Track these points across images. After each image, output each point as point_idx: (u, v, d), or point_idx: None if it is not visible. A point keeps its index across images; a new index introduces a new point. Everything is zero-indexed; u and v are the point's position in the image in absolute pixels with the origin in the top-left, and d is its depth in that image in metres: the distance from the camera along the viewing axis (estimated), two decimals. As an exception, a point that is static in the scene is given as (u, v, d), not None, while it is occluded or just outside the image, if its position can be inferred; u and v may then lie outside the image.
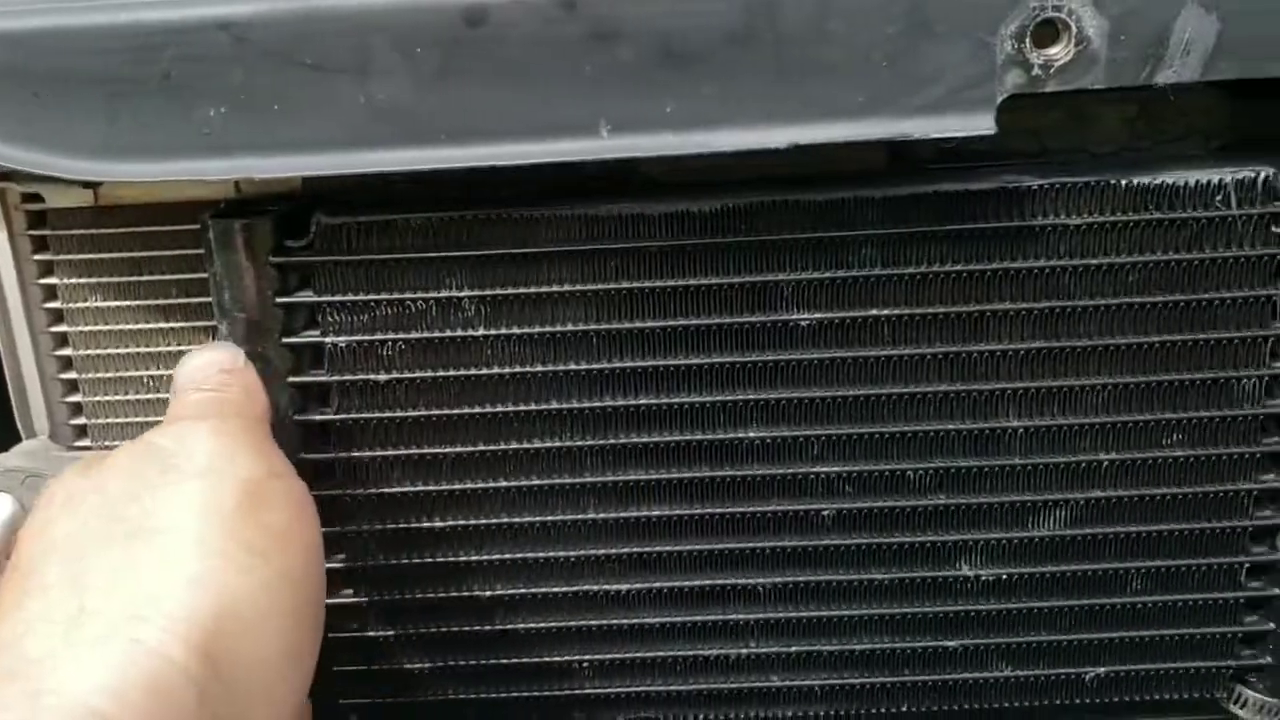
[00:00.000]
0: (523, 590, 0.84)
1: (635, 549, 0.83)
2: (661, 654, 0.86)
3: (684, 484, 0.82)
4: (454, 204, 0.78)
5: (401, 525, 0.83)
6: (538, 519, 0.83)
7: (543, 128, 0.71)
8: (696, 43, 0.70)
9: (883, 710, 0.87)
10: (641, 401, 0.80)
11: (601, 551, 0.83)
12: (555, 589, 0.84)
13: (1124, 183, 0.76)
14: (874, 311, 0.79)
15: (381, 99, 0.71)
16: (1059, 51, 0.70)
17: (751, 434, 0.81)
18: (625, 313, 0.79)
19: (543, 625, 0.85)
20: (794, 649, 0.86)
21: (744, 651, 0.86)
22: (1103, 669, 0.86)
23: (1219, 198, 0.76)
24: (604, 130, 0.71)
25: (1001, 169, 0.78)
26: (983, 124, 0.70)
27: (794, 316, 0.79)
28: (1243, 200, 0.76)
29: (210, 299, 0.80)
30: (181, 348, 0.86)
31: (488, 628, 0.85)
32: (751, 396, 0.80)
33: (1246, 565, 0.84)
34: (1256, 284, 0.77)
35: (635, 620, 0.85)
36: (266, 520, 0.68)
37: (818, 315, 0.79)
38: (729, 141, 0.71)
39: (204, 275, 0.80)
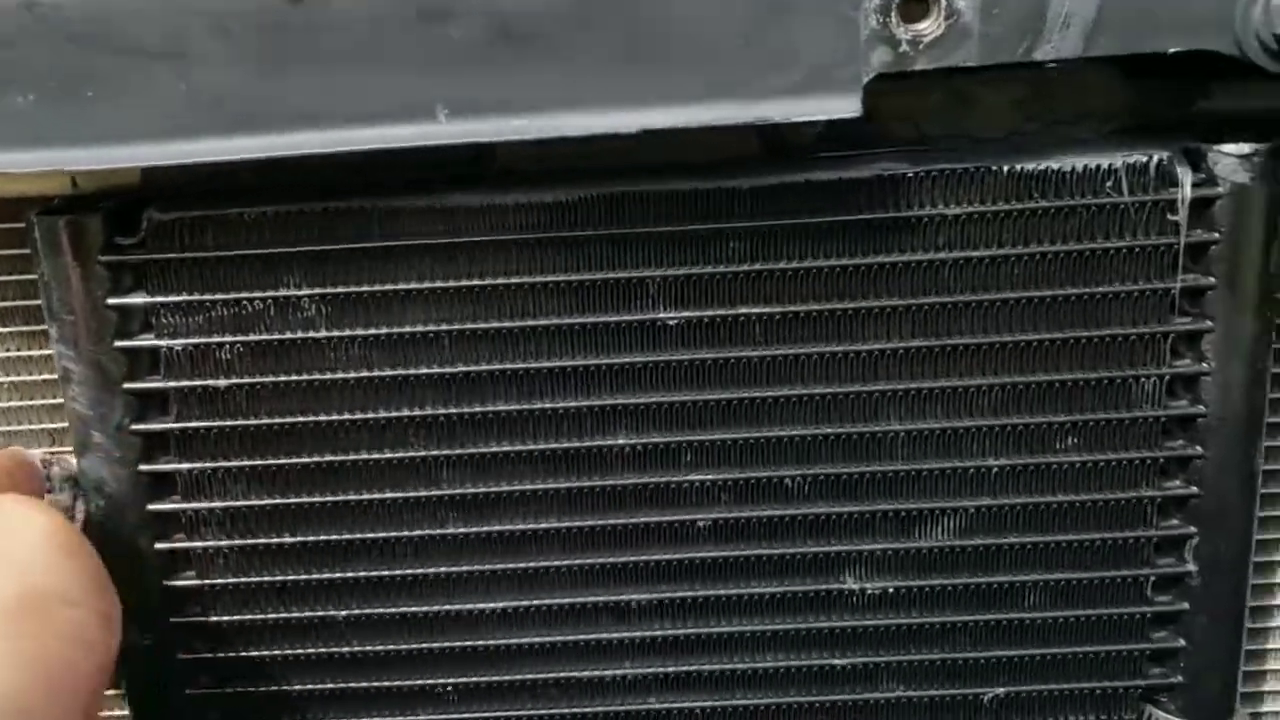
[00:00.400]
0: (378, 610, 0.79)
1: (497, 565, 0.78)
2: (530, 676, 0.81)
3: (548, 495, 0.77)
4: (295, 197, 0.73)
5: (248, 541, 0.78)
6: (392, 534, 0.78)
7: (375, 113, 0.66)
8: (535, 22, 0.65)
9: (768, 732, 0.83)
10: (500, 407, 0.75)
11: (461, 568, 0.78)
12: (412, 608, 0.79)
13: (1007, 169, 0.71)
14: (745, 310, 0.74)
15: (202, 85, 0.66)
16: (928, 26, 0.65)
17: (619, 441, 0.76)
18: (479, 312, 0.74)
19: (400, 647, 0.80)
20: (672, 669, 0.81)
21: (618, 673, 0.81)
22: (1001, 689, 0.81)
23: (1110, 184, 0.71)
24: (441, 115, 0.66)
25: (878, 157, 0.73)
26: (848, 106, 0.65)
27: (661, 315, 0.74)
28: (1135, 186, 0.71)
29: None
30: (20, 353, 0.81)
31: (343, 649, 0.80)
32: (618, 401, 0.75)
33: (1152, 578, 0.79)
34: (1153, 276, 0.72)
35: (500, 641, 0.80)
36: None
37: (686, 314, 0.74)
38: (576, 126, 0.66)
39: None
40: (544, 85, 0.65)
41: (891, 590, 0.79)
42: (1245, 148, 0.70)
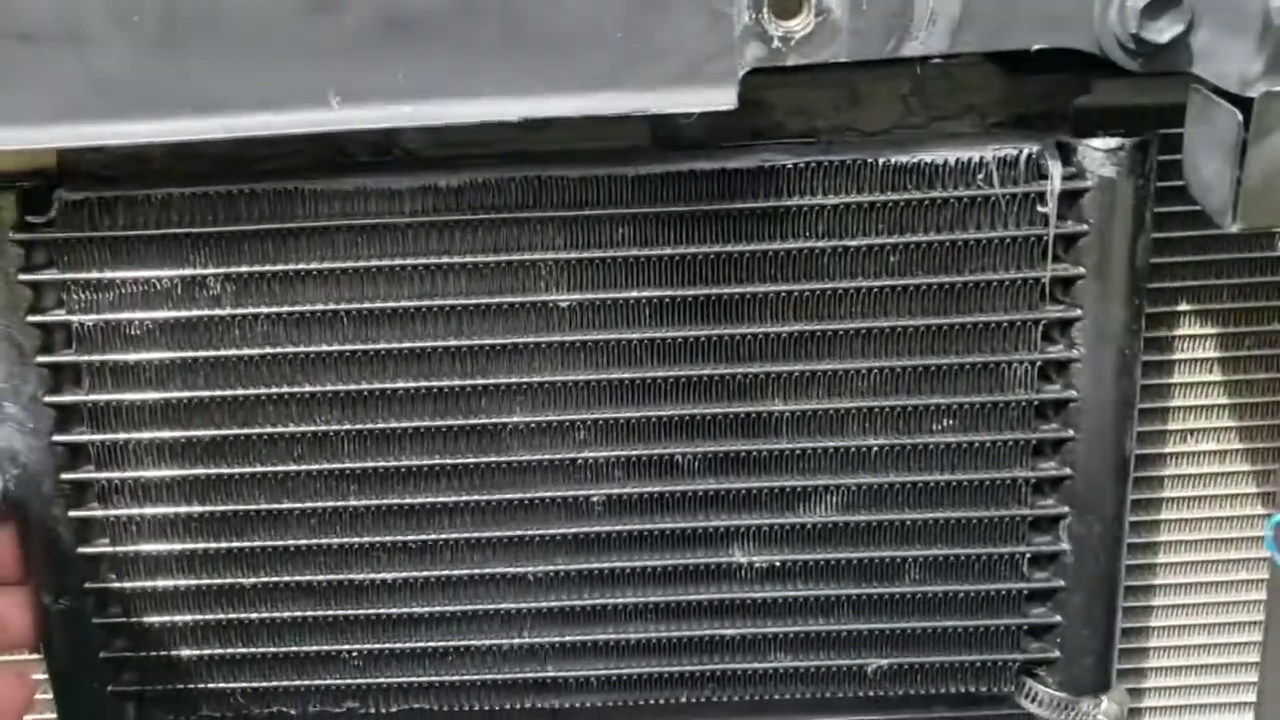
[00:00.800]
0: (285, 578, 0.82)
1: (399, 536, 0.81)
2: (432, 644, 0.84)
3: (446, 470, 0.80)
4: (203, 180, 0.76)
5: (159, 510, 0.81)
6: (296, 505, 0.81)
7: (270, 99, 0.68)
8: (423, 11, 0.67)
9: (661, 700, 0.85)
10: (398, 385, 0.78)
11: (364, 539, 0.81)
12: (318, 577, 0.82)
13: (882, 161, 0.74)
14: (633, 293, 0.76)
15: (101, 69, 0.68)
16: (798, 23, 0.68)
17: (515, 418, 0.79)
18: (379, 292, 0.77)
19: (307, 614, 0.83)
20: (569, 638, 0.84)
21: (517, 641, 0.84)
22: (884, 661, 0.84)
23: (981, 176, 0.74)
24: (334, 101, 0.69)
25: (761, 149, 0.75)
26: (724, 99, 0.67)
27: (553, 297, 0.77)
28: (1005, 179, 0.74)
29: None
30: (-59, 327, 0.84)
31: (251, 615, 0.83)
32: (513, 380, 0.78)
33: (1029, 555, 0.82)
34: (1025, 266, 0.75)
35: (402, 609, 0.83)
36: None
37: (576, 296, 0.77)
38: (462, 113, 0.68)
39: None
40: (432, 73, 0.68)
41: (778, 564, 0.82)
42: (1112, 142, 0.73)
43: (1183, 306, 0.83)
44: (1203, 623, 0.90)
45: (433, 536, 0.81)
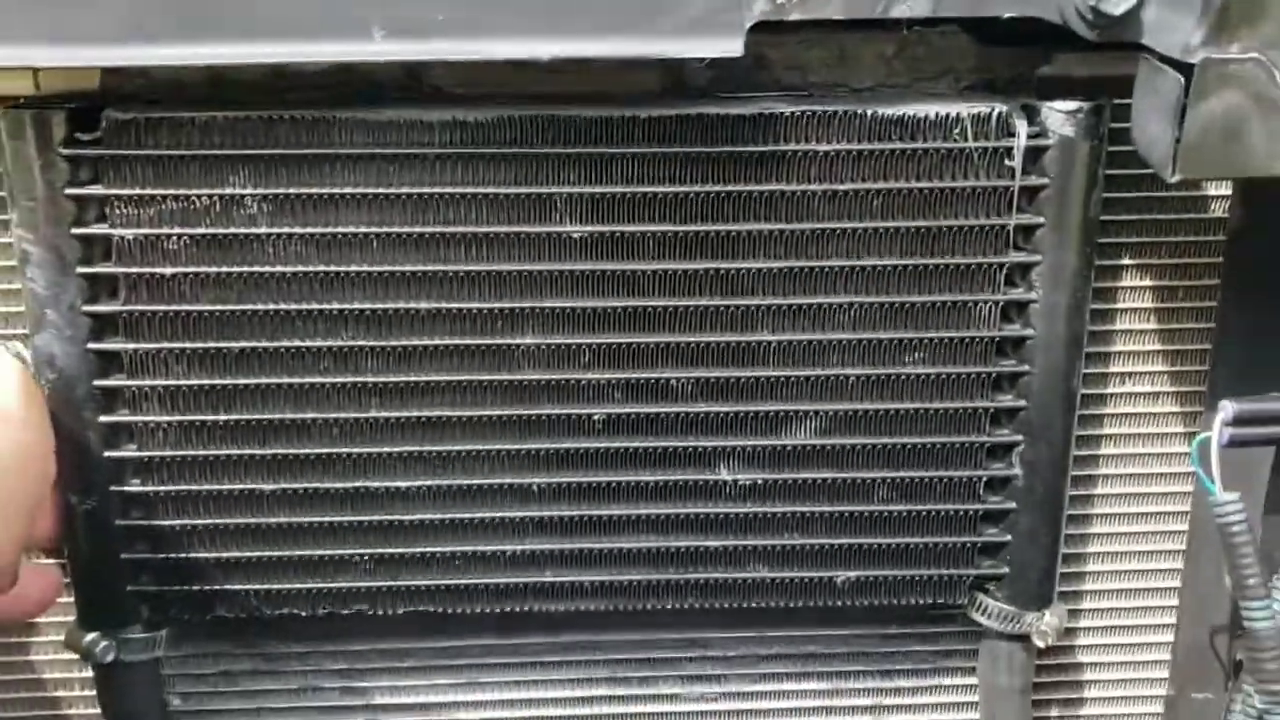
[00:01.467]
0: (304, 484, 0.88)
1: (415, 447, 0.88)
2: (440, 549, 0.90)
3: (461, 386, 0.87)
4: (243, 104, 0.81)
5: (187, 417, 0.86)
6: (319, 415, 0.86)
7: (317, 29, 0.74)
8: (466, -44, 0.74)
9: (649, 606, 0.93)
10: (420, 305, 0.85)
11: (381, 449, 0.88)
12: (336, 484, 0.88)
13: (870, 113, 0.82)
14: (640, 227, 0.84)
15: (162, -6, 0.74)
16: (803, -18, 0.76)
17: (526, 340, 0.86)
18: (405, 217, 0.83)
19: (323, 519, 0.89)
20: (566, 546, 0.91)
21: (520, 548, 0.91)
22: (853, 573, 0.92)
23: (957, 131, 0.83)
24: (377, 34, 0.75)
25: (761, 98, 0.83)
26: (732, 47, 0.75)
27: (566, 228, 0.84)
28: (978, 134, 0.83)
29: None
30: (-21, 240, 0.88)
31: (270, 520, 0.89)
32: (526, 304, 0.85)
33: (985, 479, 0.91)
34: (992, 213, 0.84)
35: (415, 516, 0.89)
36: None
37: (588, 228, 0.84)
38: (496, 51, 0.75)
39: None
40: (470, 13, 0.74)
41: (759, 482, 0.90)
42: (1071, 105, 0.82)
43: (1126, 260, 0.92)
44: (1134, 550, 1.00)
45: (445, 448, 0.88)
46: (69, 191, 0.81)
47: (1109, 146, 0.84)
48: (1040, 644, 0.94)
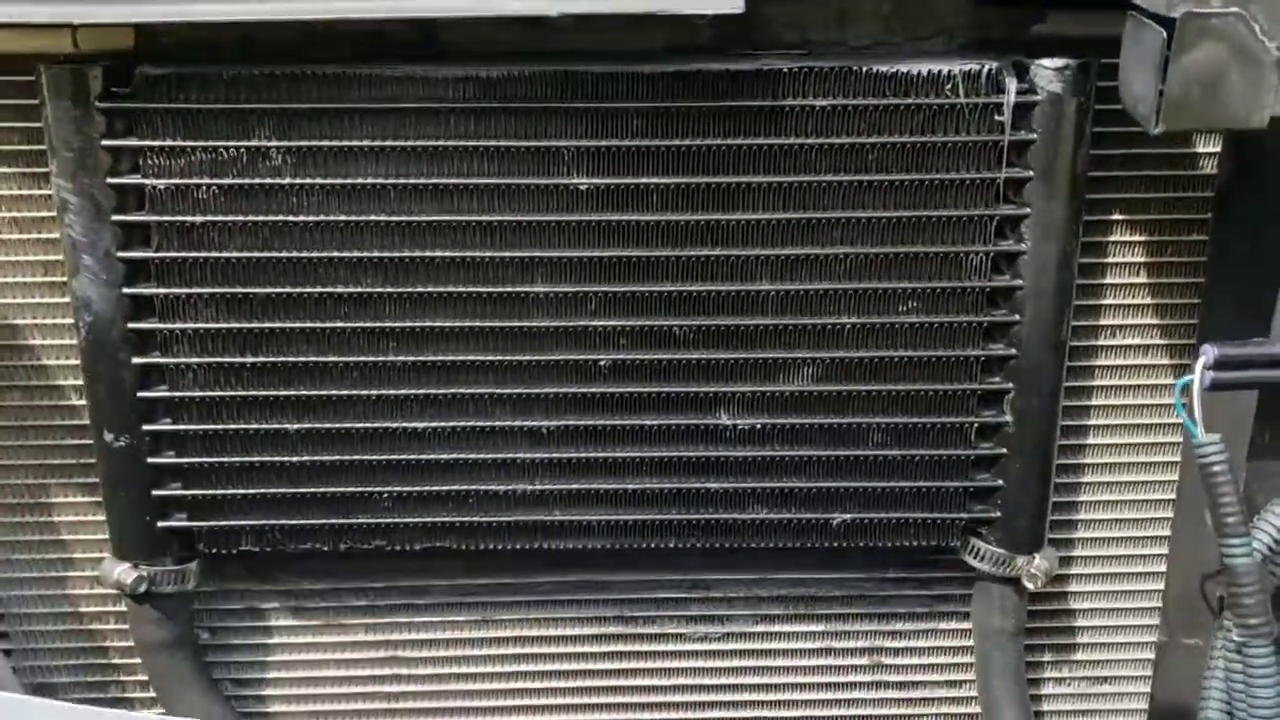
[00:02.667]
0: (326, 424, 0.93)
1: (430, 390, 0.92)
2: (454, 488, 0.95)
3: (474, 332, 0.91)
4: (268, 60, 0.86)
5: (216, 359, 0.91)
6: (340, 358, 0.91)
7: (337, -14, 0.79)
8: (477, -83, 0.78)
9: (652, 545, 0.97)
10: (436, 253, 0.89)
11: (398, 391, 0.92)
12: (356, 424, 0.93)
13: (865, 70, 0.85)
14: (644, 180, 0.88)
15: (194, -44, 0.79)
16: (801, -59, 0.79)
17: (536, 288, 0.90)
18: (421, 169, 0.87)
19: (344, 457, 0.94)
20: (573, 486, 0.95)
21: (529, 488, 0.95)
22: (849, 515, 0.96)
23: (949, 87, 0.86)
24: (395, -10, 0.79)
25: (761, 55, 0.87)
26: (734, 4, 0.79)
27: (573, 180, 0.88)
28: (970, 91, 0.86)
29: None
30: (22, 191, 0.93)
31: (294, 458, 0.94)
32: (536, 253, 0.89)
33: (976, 425, 0.94)
34: (982, 167, 0.87)
35: (430, 456, 0.94)
36: None
37: (594, 180, 0.88)
38: (509, 7, 0.79)
39: (41, 124, 0.87)
40: (483, -28, 0.79)
41: (758, 426, 0.94)
42: (1059, 62, 0.85)
43: (1116, 216, 0.95)
44: (1126, 499, 1.03)
45: (459, 391, 0.92)
46: (105, 143, 0.86)
47: (1103, 105, 0.87)
48: (1031, 586, 0.97)
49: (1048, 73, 0.85)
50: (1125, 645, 1.08)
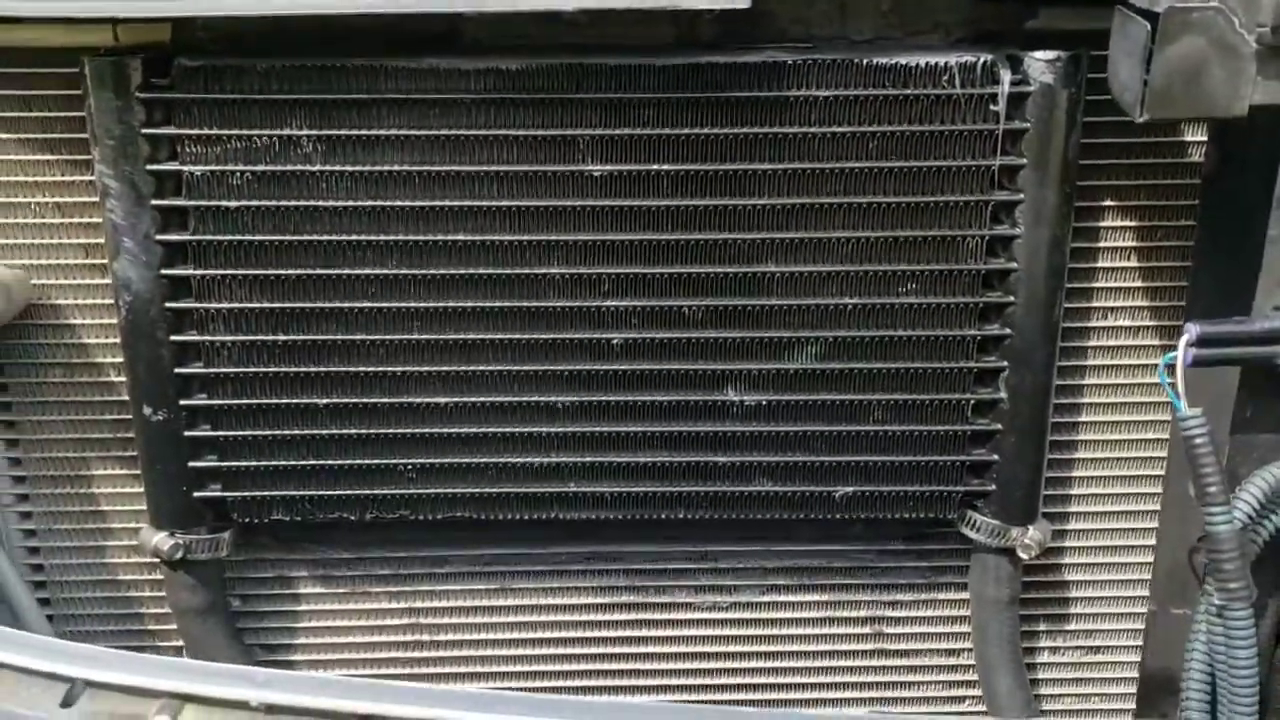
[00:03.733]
0: (353, 399, 0.98)
1: (452, 367, 0.97)
2: (474, 460, 1.00)
3: (493, 311, 0.96)
4: (300, 53, 0.90)
5: (249, 337, 0.96)
6: (366, 337, 0.96)
7: (365, -17, 0.84)
8: (497, -83, 0.83)
9: (663, 516, 1.02)
10: (458, 237, 0.94)
11: (422, 368, 0.97)
12: (383, 399, 0.98)
13: (866, 62, 0.90)
14: (655, 166, 0.92)
15: (230, -45, 0.83)
16: (805, -61, 0.84)
17: (553, 270, 0.95)
18: (444, 157, 0.92)
19: (371, 431, 0.99)
20: (588, 459, 1.00)
21: (545, 460, 1.00)
22: (850, 488, 1.01)
23: (946, 78, 0.90)
24: (420, -12, 0.84)
25: (766, 48, 0.91)
26: (739, 0, 0.83)
27: (588, 168, 0.92)
28: (966, 82, 0.90)
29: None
30: (66, 177, 0.98)
31: (323, 431, 0.99)
32: (552, 237, 0.94)
33: (972, 402, 0.98)
34: (978, 155, 0.92)
35: (452, 429, 0.99)
36: None
37: (608, 167, 0.92)
38: (527, 3, 0.84)
39: (84, 114, 0.92)
40: (505, -30, 0.83)
41: (765, 403, 0.98)
42: (1051, 54, 0.89)
43: (1108, 202, 0.99)
44: (1117, 475, 1.07)
45: (479, 368, 0.97)
46: (145, 131, 0.91)
47: (1096, 95, 0.91)
48: (1025, 556, 1.02)
49: (1040, 64, 0.89)
50: (1116, 615, 1.12)
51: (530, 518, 1.02)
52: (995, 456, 1.00)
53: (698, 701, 1.14)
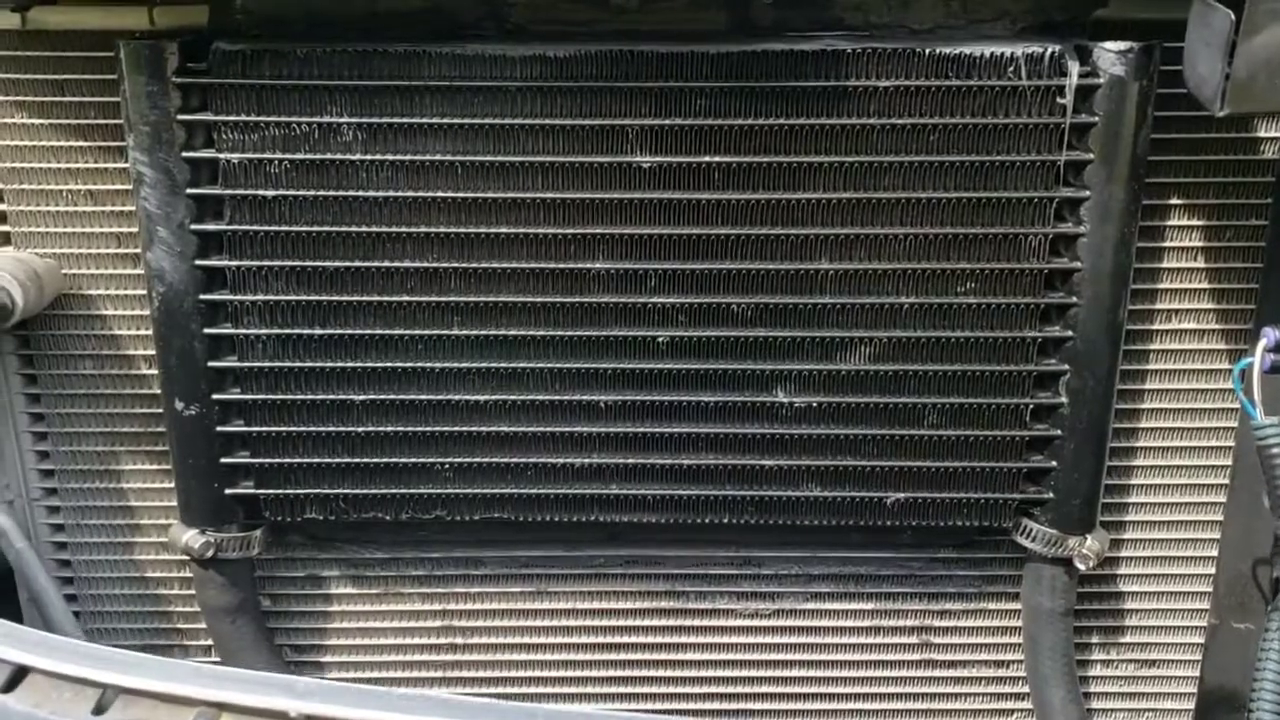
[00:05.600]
0: (390, 396, 0.95)
1: (492, 364, 0.94)
2: (514, 460, 0.97)
3: (536, 307, 0.93)
4: (340, 38, 0.88)
5: (284, 330, 0.93)
6: (405, 331, 0.93)
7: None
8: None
9: (706, 520, 0.98)
10: (501, 229, 0.91)
11: (461, 365, 0.94)
12: (421, 396, 0.95)
13: (928, 51, 0.86)
14: (705, 158, 0.89)
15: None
16: (868, -75, 0.80)
17: (598, 265, 0.92)
18: (488, 147, 0.89)
19: (408, 429, 0.96)
20: (630, 461, 0.97)
21: (587, 461, 0.97)
22: (902, 494, 0.97)
23: (1011, 70, 0.86)
24: (465, -31, 0.81)
25: (825, 36, 0.88)
26: (798, -15, 0.80)
27: (636, 159, 0.89)
28: (1032, 73, 0.86)
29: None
30: (99, 164, 0.96)
31: (359, 429, 0.96)
32: (598, 230, 0.91)
33: (1031, 407, 0.95)
34: (1043, 149, 0.88)
35: (491, 428, 0.96)
36: None
37: (657, 159, 0.89)
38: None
39: (118, 99, 0.90)
40: (552, -47, 0.80)
41: (815, 405, 0.95)
42: (1122, 45, 0.85)
43: (1175, 200, 0.95)
44: (1179, 483, 1.03)
45: (520, 365, 0.94)
46: (180, 117, 0.88)
47: (1164, 89, 0.87)
48: (1082, 567, 0.98)
49: (1110, 56, 0.85)
50: (1174, 629, 1.08)
51: (569, 520, 0.99)
52: (1054, 463, 0.96)
53: (736, 711, 1.11)
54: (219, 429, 0.96)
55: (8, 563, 1.03)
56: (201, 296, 0.92)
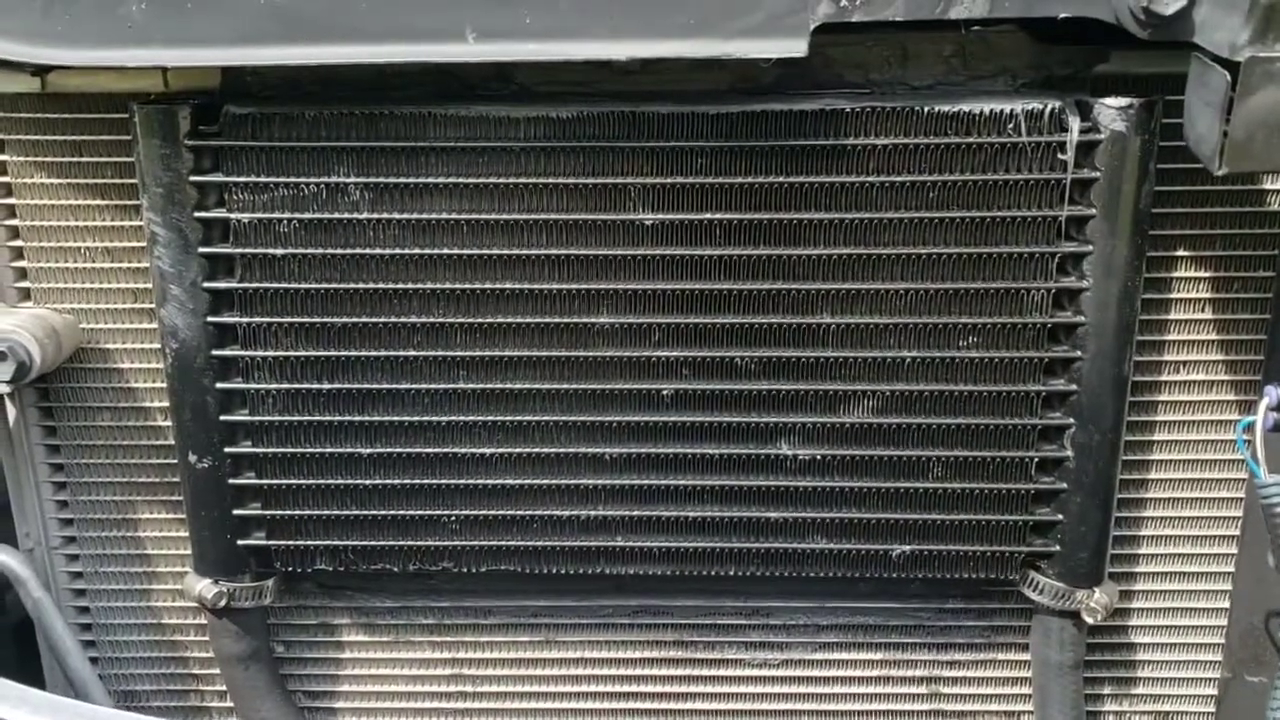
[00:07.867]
0: (398, 449, 0.96)
1: (498, 417, 0.95)
2: (520, 512, 0.98)
3: (541, 361, 0.94)
4: (348, 101, 0.89)
5: (294, 385, 0.95)
6: (413, 386, 0.94)
7: (416, 32, 0.82)
8: (550, -35, 0.81)
9: (713, 572, 0.99)
10: (506, 285, 0.92)
11: (467, 418, 0.95)
12: (426, 449, 0.96)
13: (927, 109, 0.87)
14: (708, 215, 0.90)
15: (274, 2, 0.82)
16: (864, -14, 0.81)
17: (601, 319, 0.93)
18: (493, 205, 0.90)
19: (416, 481, 0.97)
20: (636, 513, 0.97)
21: (593, 513, 0.97)
22: (908, 547, 0.97)
23: (1011, 126, 0.87)
24: (470, 37, 0.82)
25: (824, 95, 0.89)
26: (797, 47, 0.81)
27: (639, 216, 0.90)
28: (1032, 129, 0.87)
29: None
30: (116, 223, 0.98)
31: (366, 481, 0.97)
32: (602, 286, 0.92)
33: (1036, 460, 0.94)
34: (1044, 204, 0.88)
35: (497, 480, 0.97)
36: None
37: (660, 216, 0.90)
38: (579, 52, 0.82)
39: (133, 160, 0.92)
40: (553, 18, 0.81)
41: (819, 457, 0.95)
42: (1123, 101, 0.85)
43: (1181, 252, 0.95)
44: (1189, 534, 1.02)
45: (525, 418, 0.95)
46: (192, 179, 0.90)
47: (1169, 142, 0.87)
48: (1090, 620, 0.98)
49: (1111, 111, 0.85)
50: (1187, 680, 1.07)
51: (577, 571, 0.99)
52: (1060, 516, 0.95)
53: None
54: (231, 481, 0.97)
55: (27, 611, 1.05)
56: (214, 352, 0.94)
